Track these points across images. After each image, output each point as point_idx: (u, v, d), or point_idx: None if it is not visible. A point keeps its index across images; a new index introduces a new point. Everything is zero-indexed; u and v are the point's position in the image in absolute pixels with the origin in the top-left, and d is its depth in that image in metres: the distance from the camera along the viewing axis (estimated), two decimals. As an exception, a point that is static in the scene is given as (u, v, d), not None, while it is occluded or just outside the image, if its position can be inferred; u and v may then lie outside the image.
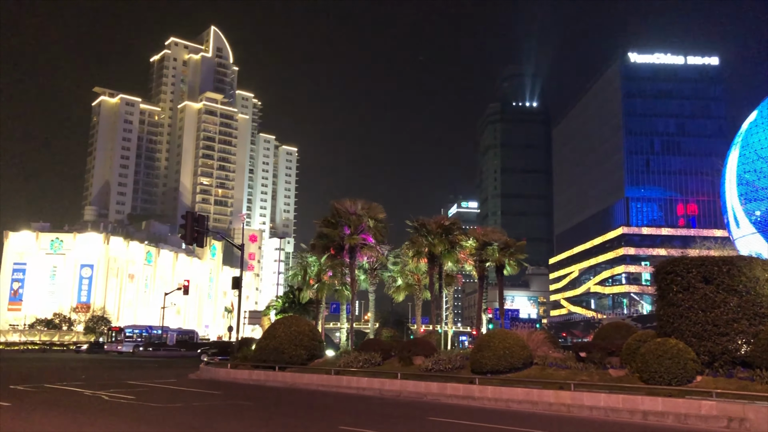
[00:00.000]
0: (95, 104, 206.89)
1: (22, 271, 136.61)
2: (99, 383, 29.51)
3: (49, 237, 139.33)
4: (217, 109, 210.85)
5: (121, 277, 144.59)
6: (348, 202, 40.76)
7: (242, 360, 35.36)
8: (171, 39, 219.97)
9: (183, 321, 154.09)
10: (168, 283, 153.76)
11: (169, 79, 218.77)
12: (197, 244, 38.37)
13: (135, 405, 21.79)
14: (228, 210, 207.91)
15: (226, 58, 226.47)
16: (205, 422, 18.55)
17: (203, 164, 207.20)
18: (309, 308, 48.46)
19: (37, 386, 27.87)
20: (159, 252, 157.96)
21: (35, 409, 20.37)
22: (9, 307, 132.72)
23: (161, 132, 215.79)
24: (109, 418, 18.60)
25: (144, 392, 25.99)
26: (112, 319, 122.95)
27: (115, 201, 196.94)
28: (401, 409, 22.55)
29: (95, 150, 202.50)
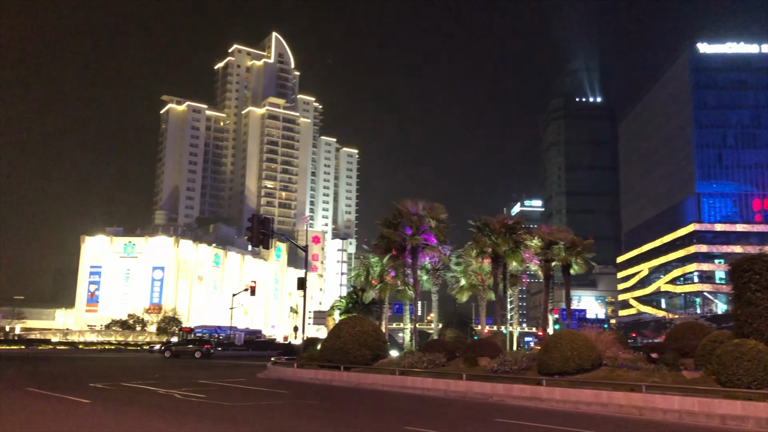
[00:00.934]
0: (163, 112, 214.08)
1: (98, 274, 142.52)
2: (171, 382, 30.45)
3: (123, 241, 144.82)
4: (279, 114, 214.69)
5: (191, 279, 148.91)
6: (409, 202, 40.74)
7: (308, 360, 35.83)
8: (234, 46, 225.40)
9: (250, 321, 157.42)
10: (235, 285, 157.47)
11: (233, 86, 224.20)
12: (263, 246, 39.16)
13: (206, 403, 22.38)
14: (291, 212, 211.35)
15: (287, 63, 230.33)
16: (275, 421, 18.88)
17: (267, 168, 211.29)
18: (372, 308, 48.69)
19: (114, 384, 28.98)
20: (226, 254, 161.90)
21: (112, 407, 21.18)
22: (87, 308, 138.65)
23: (227, 137, 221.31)
24: (181, 416, 19.17)
25: (214, 391, 26.65)
26: (183, 319, 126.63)
27: (183, 205, 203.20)
28: (467, 410, 22.38)
29: (164, 156, 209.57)
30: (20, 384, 28.64)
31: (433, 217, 40.32)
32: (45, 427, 16.81)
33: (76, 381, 31.41)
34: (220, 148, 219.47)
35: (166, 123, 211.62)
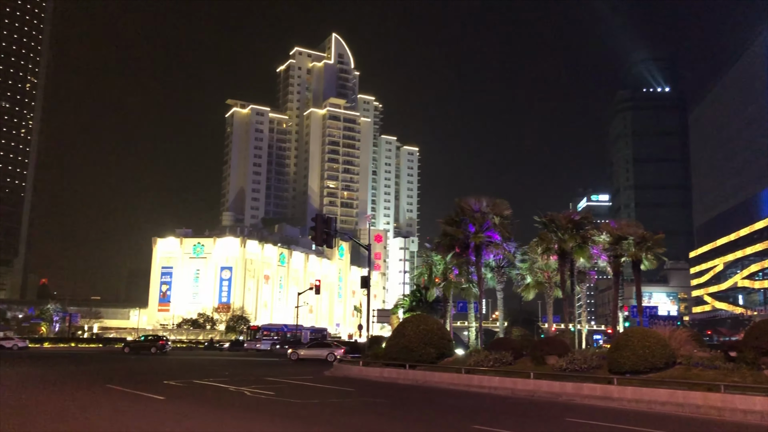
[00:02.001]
0: (228, 115, 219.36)
1: (169, 274, 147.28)
2: (241, 379, 31.14)
3: (192, 242, 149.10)
4: (340, 114, 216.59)
5: (257, 278, 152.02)
6: (472, 199, 40.38)
7: (373, 358, 35.99)
8: (295, 49, 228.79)
9: (315, 320, 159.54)
10: (300, 283, 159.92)
11: (294, 88, 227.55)
12: (326, 245, 39.53)
13: (275, 401, 22.77)
14: (353, 211, 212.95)
15: (347, 63, 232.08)
16: (343, 419, 19.03)
17: (329, 168, 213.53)
18: (436, 307, 48.53)
19: (186, 382, 29.86)
20: (291, 253, 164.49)
21: (186, 403, 21.83)
22: (159, 307, 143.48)
23: (289, 139, 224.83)
24: (251, 414, 19.56)
25: (282, 389, 27.09)
26: (250, 318, 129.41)
27: (249, 206, 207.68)
28: (535, 409, 22.00)
29: (230, 159, 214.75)
30: (101, 381, 29.87)
31: (497, 213, 39.84)
32: (125, 422, 17.45)
33: (151, 378, 32.51)
34: (283, 150, 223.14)
35: (231, 126, 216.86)
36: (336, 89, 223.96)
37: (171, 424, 17.35)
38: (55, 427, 16.61)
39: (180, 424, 17.39)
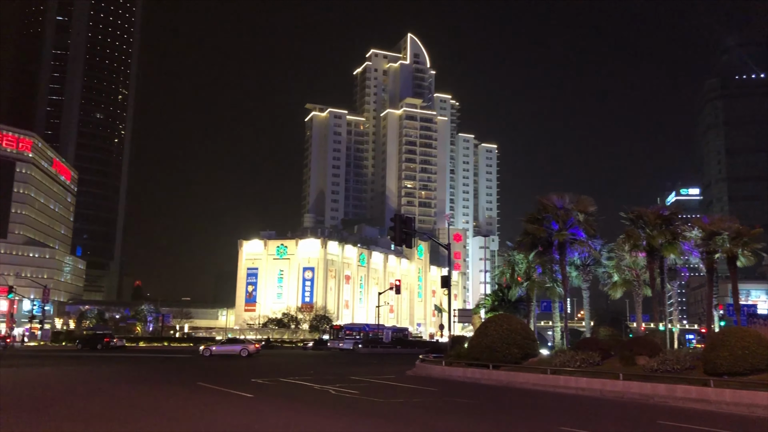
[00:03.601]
0: (307, 120, 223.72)
1: (254, 275, 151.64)
2: (325, 378, 31.63)
3: (275, 244, 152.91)
4: (416, 114, 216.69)
5: (338, 278, 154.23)
6: (554, 196, 39.46)
7: (455, 358, 35.78)
8: (371, 51, 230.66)
9: (396, 319, 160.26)
10: (380, 283, 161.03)
11: (371, 89, 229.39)
12: (406, 245, 39.58)
13: (359, 399, 22.99)
14: (432, 211, 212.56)
15: (423, 63, 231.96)
16: (427, 418, 19.01)
17: (406, 168, 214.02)
18: (519, 306, 47.74)
19: (273, 380, 30.64)
20: (371, 254, 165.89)
21: (273, 401, 22.39)
22: (245, 308, 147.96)
23: (366, 140, 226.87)
24: (337, 412, 19.83)
25: (366, 387, 27.32)
26: (332, 317, 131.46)
27: (329, 208, 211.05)
28: (625, 411, 21.27)
29: (310, 162, 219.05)
30: (192, 379, 31.07)
31: (581, 210, 38.76)
32: (216, 418, 18.07)
33: (239, 376, 33.55)
34: (361, 151, 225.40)
35: (310, 130, 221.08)
36: (412, 89, 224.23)
37: (260, 421, 17.82)
38: (152, 420, 17.39)
39: (268, 421, 17.84)
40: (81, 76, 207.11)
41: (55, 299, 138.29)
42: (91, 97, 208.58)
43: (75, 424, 16.84)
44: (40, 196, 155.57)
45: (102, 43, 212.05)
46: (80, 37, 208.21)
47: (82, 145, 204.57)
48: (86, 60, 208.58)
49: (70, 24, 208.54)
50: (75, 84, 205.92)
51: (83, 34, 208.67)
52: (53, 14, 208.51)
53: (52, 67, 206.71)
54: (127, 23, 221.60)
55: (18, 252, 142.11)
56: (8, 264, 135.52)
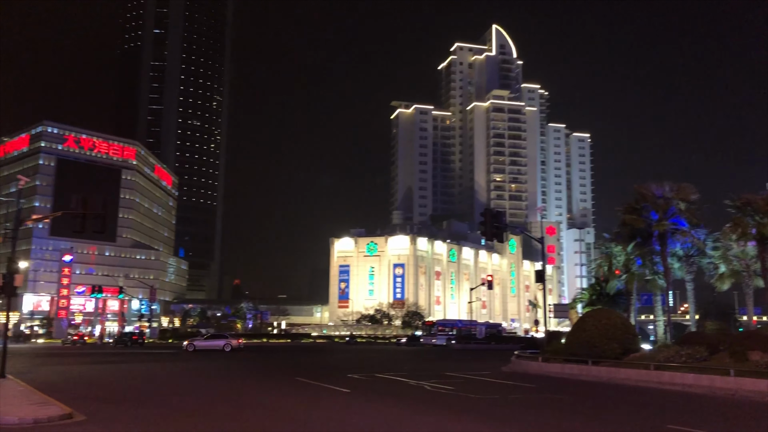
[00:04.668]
0: (393, 117, 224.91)
1: (346, 272, 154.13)
2: (420, 374, 31.67)
3: (365, 241, 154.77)
4: (504, 106, 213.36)
5: (429, 274, 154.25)
6: (653, 184, 37.84)
7: (552, 353, 34.96)
8: (456, 44, 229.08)
9: (489, 315, 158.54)
10: (471, 279, 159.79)
11: (456, 83, 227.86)
12: (497, 239, 38.97)
13: (455, 395, 22.85)
14: (523, 204, 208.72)
15: (509, 53, 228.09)
16: (525, 414, 18.63)
17: (495, 161, 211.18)
18: (618, 300, 46.05)
19: (368, 375, 30.97)
20: (461, 249, 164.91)
21: (369, 396, 22.61)
22: (339, 304, 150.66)
23: (453, 135, 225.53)
24: (433, 407, 19.77)
25: (461, 383, 27.14)
26: (424, 313, 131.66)
27: (417, 204, 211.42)
28: (737, 409, 20.05)
29: (397, 159, 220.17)
30: (291, 374, 31.93)
31: (682, 198, 36.96)
32: (315, 412, 18.47)
33: (335, 372, 34.14)
34: (448, 146, 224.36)
35: (396, 127, 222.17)
36: (499, 81, 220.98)
37: (357, 416, 18.03)
38: (254, 412, 17.97)
39: (366, 416, 18.02)
40: (177, 85, 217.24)
41: (161, 299, 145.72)
42: (188, 105, 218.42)
43: (192, 419, 17.65)
44: (144, 201, 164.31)
45: (196, 52, 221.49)
46: (175, 49, 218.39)
47: (181, 151, 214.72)
48: (182, 70, 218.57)
49: (166, 36, 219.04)
50: (172, 93, 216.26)
51: (178, 45, 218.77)
52: (150, 28, 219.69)
53: (151, 78, 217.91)
54: (219, 32, 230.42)
55: (126, 255, 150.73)
56: (118, 266, 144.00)
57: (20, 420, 16.00)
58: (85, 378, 30.47)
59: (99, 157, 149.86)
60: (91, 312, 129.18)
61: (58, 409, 17.60)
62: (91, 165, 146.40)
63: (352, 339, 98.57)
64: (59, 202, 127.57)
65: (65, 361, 43.70)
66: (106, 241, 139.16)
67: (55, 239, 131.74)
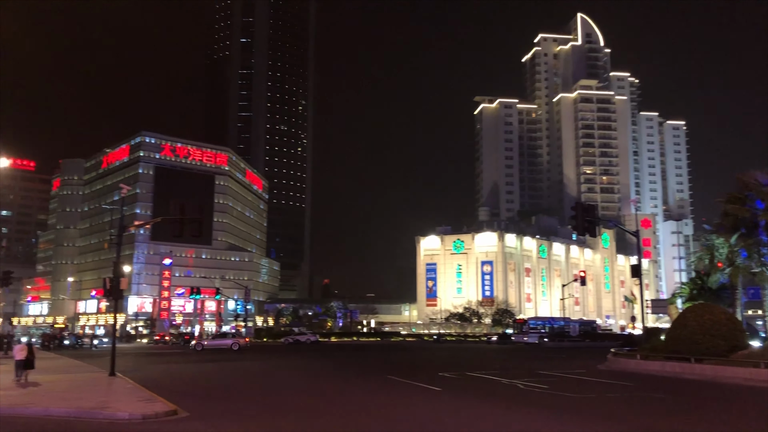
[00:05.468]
0: (477, 112, 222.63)
1: (433, 271, 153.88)
2: (512, 372, 31.19)
3: (451, 239, 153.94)
4: (592, 96, 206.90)
5: (518, 271, 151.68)
6: (757, 172, 35.73)
7: (651, 351, 33.59)
8: (539, 35, 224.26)
9: (582, 312, 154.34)
10: (563, 275, 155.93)
11: (541, 75, 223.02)
12: (589, 234, 37.84)
13: (549, 394, 22.34)
14: (615, 197, 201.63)
15: (596, 42, 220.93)
16: (625, 414, 17.95)
17: (584, 153, 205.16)
18: (722, 294, 43.66)
19: (459, 374, 30.78)
20: (551, 245, 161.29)
21: (461, 395, 22.45)
22: (427, 302, 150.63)
23: (540, 128, 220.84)
24: (526, 406, 19.40)
25: (555, 382, 26.52)
26: (515, 311, 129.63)
27: (504, 200, 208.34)
28: None
29: (481, 155, 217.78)
30: (382, 372, 32.19)
31: (791, 185, 34.58)
32: (408, 409, 18.51)
33: (426, 370, 34.15)
34: (535, 140, 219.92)
35: (480, 123, 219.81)
36: (586, 70, 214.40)
37: (450, 414, 17.94)
38: (347, 410, 18.23)
39: (459, 414, 17.89)
40: (264, 91, 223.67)
41: (255, 299, 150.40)
42: (275, 111, 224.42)
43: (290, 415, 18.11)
44: (236, 205, 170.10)
45: (281, 58, 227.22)
46: (262, 56, 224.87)
47: (269, 156, 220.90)
48: (268, 76, 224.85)
49: (253, 44, 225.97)
50: (260, 100, 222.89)
51: (264, 52, 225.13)
52: (237, 37, 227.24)
53: (240, 86, 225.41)
54: (302, 38, 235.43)
55: (221, 257, 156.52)
56: (214, 268, 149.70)
57: (130, 415, 16.92)
58: (186, 376, 31.89)
59: (193, 164, 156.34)
60: (190, 312, 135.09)
61: (164, 405, 18.48)
62: (187, 172, 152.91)
63: (440, 337, 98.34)
64: (158, 208, 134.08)
65: (165, 360, 45.86)
66: (202, 245, 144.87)
67: (156, 244, 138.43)
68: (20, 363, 26.19)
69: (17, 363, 26.30)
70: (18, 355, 26.48)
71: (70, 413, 17.40)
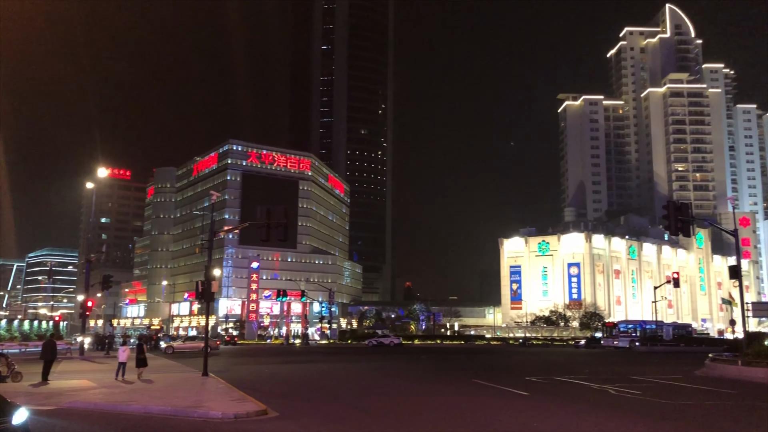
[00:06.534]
0: (560, 110, 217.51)
1: (517, 273, 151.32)
2: (602, 377, 30.18)
3: (536, 240, 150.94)
4: (683, 90, 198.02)
5: (607, 273, 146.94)
6: None
7: (754, 357, 31.67)
8: (625, 29, 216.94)
9: (676, 315, 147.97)
10: (654, 277, 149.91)
11: (628, 70, 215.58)
12: (683, 233, 36.10)
13: (642, 400, 21.46)
14: (710, 194, 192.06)
15: (686, 33, 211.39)
16: (726, 424, 16.99)
17: (675, 149, 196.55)
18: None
19: (547, 378, 30.06)
20: (641, 245, 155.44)
21: (550, 399, 21.86)
22: (512, 306, 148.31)
23: (627, 125, 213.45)
24: (618, 412, 18.69)
25: (649, 388, 25.45)
26: (603, 314, 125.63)
27: (591, 200, 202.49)
28: None
29: (566, 154, 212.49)
30: (467, 376, 31.87)
31: None
32: (495, 414, 18.23)
33: (512, 374, 33.55)
34: (621, 137, 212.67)
35: (564, 121, 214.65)
36: (675, 63, 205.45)
37: (539, 420, 17.50)
38: (434, 412, 18.13)
39: (548, 420, 17.44)
40: (345, 97, 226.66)
41: (339, 301, 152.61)
42: (355, 116, 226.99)
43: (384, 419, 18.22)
44: (320, 209, 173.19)
45: (360, 64, 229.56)
46: (342, 62, 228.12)
47: (350, 160, 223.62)
48: (348, 82, 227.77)
49: (333, 51, 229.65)
50: (340, 105, 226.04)
51: (344, 58, 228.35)
52: (318, 44, 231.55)
53: (321, 93, 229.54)
54: (381, 42, 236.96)
55: (306, 260, 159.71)
56: (299, 271, 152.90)
57: (223, 415, 17.45)
58: (274, 377, 32.67)
59: (278, 170, 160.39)
60: (277, 314, 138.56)
61: (254, 405, 18.96)
62: (272, 177, 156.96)
63: (526, 341, 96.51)
64: (245, 213, 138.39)
65: (254, 361, 47.15)
66: (287, 248, 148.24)
67: (243, 248, 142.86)
68: (122, 365, 27.74)
69: (120, 364, 27.81)
70: (121, 357, 28.03)
71: (167, 411, 18.13)
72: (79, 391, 23.05)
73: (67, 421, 16.87)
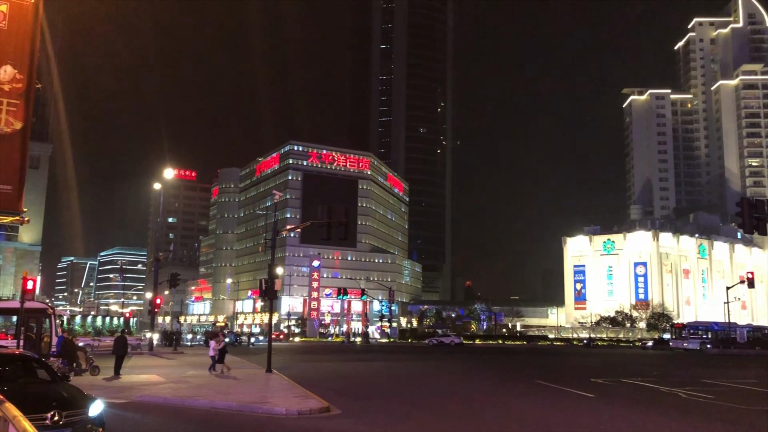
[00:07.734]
0: (625, 105, 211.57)
1: (581, 272, 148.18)
2: (671, 380, 29.19)
3: (601, 239, 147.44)
4: (757, 81, 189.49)
5: (675, 273, 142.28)
6: None
7: (838, 361, 30.01)
8: (694, 20, 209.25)
9: (750, 316, 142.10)
10: (726, 276, 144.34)
11: (697, 63, 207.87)
12: (758, 231, 34.45)
13: (715, 405, 20.62)
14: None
15: (760, 22, 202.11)
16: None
17: (749, 144, 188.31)
18: None
19: (613, 380, 29.29)
20: (712, 244, 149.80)
21: (616, 402, 21.29)
22: (575, 306, 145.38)
23: (696, 119, 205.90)
24: (689, 417, 18.02)
25: (722, 392, 24.46)
26: (672, 315, 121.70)
27: (658, 197, 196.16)
28: None
29: (632, 150, 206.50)
30: (531, 377, 31.40)
31: None
32: (561, 415, 17.86)
33: (576, 376, 32.85)
34: (690, 132, 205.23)
35: (629, 116, 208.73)
36: (749, 54, 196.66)
37: (606, 423, 17.05)
38: (495, 413, 17.92)
39: (615, 424, 16.97)
40: (404, 96, 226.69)
41: (399, 300, 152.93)
42: (414, 115, 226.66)
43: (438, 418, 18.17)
44: (379, 208, 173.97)
45: (419, 63, 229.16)
46: (401, 61, 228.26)
47: (409, 159, 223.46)
48: (407, 81, 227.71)
49: (392, 51, 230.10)
50: (399, 105, 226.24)
51: (403, 58, 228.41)
52: (378, 44, 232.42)
53: (380, 92, 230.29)
54: (441, 42, 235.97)
55: (365, 259, 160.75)
56: (359, 269, 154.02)
57: (287, 411, 17.71)
58: (336, 374, 32.99)
59: (338, 169, 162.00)
60: (338, 312, 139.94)
61: (317, 402, 19.16)
62: (332, 177, 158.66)
63: (591, 342, 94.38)
64: (306, 212, 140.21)
65: (315, 358, 47.70)
66: (348, 247, 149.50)
67: (305, 246, 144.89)
68: (215, 358, 29.52)
69: (212, 357, 29.71)
70: (212, 351, 29.82)
71: (233, 407, 18.52)
72: (148, 385, 23.83)
73: (139, 414, 17.45)
